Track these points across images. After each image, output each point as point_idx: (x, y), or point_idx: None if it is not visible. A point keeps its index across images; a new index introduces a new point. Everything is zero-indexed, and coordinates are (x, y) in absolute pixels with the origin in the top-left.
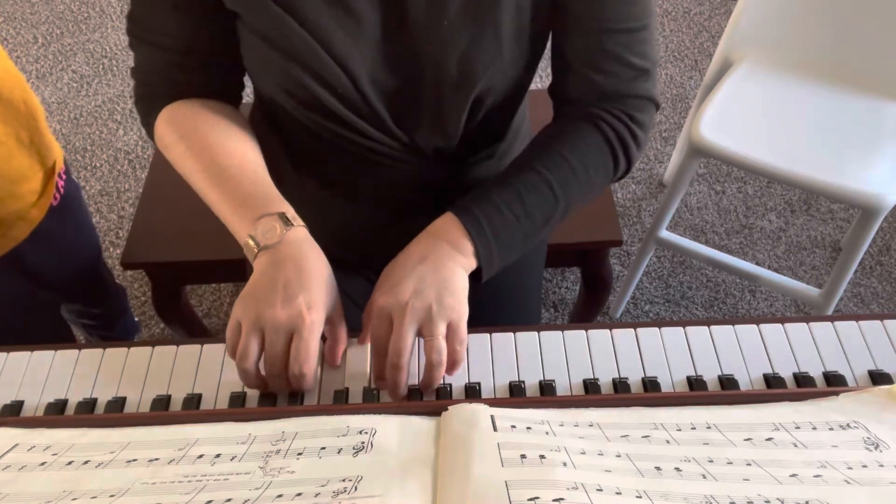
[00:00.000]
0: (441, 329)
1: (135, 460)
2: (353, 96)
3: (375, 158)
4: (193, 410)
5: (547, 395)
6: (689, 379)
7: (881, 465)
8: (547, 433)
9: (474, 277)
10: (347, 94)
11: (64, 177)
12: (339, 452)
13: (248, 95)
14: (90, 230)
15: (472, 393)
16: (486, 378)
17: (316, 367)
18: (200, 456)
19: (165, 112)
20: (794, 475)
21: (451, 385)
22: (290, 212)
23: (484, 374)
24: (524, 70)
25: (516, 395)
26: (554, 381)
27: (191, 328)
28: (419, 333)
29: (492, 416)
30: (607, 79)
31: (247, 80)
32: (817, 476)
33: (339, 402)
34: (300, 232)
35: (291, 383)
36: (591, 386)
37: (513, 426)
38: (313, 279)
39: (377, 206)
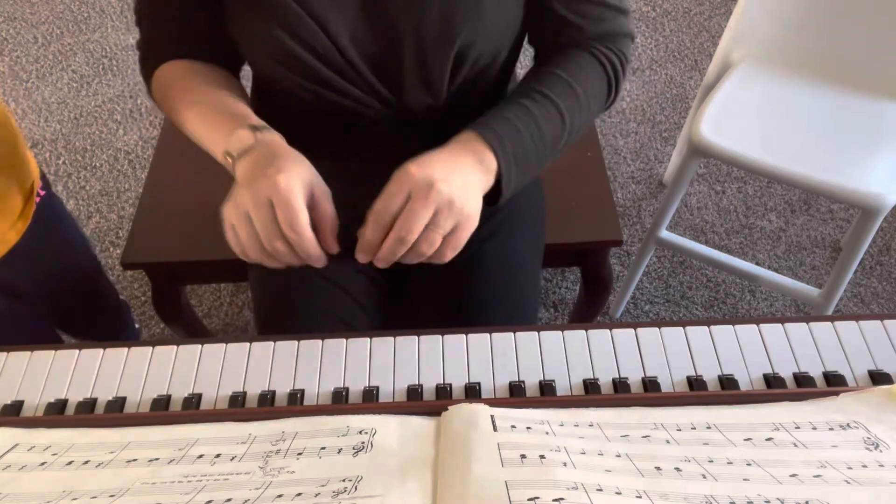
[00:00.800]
0: (448, 226)
1: (135, 460)
2: (335, 57)
3: (369, 126)
4: (193, 410)
5: (547, 395)
6: (689, 379)
7: (881, 465)
8: (547, 433)
9: (487, 201)
10: (329, 56)
11: (42, 193)
12: (339, 452)
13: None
14: (80, 247)
15: (472, 393)
16: (486, 378)
17: (311, 234)
18: (200, 456)
19: (162, 69)
20: (794, 475)
21: (451, 385)
22: (261, 123)
23: (484, 374)
24: (507, 26)
25: (516, 395)
26: (554, 381)
27: (191, 328)
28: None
29: (492, 416)
30: (587, 21)
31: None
32: (817, 476)
33: (339, 402)
34: (271, 134)
35: (301, 256)
36: (591, 386)
37: (513, 426)
38: (283, 155)
39: (375, 182)
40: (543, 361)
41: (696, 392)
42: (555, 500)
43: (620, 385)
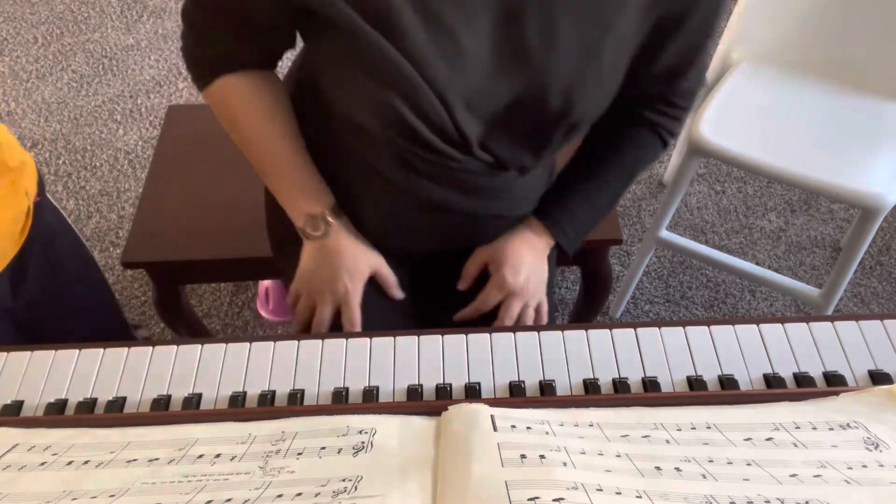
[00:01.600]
0: (535, 304)
1: (135, 460)
2: (446, 124)
3: (443, 169)
4: (193, 410)
5: (547, 395)
6: (689, 379)
7: (881, 465)
8: (547, 433)
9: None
10: (440, 122)
11: (37, 199)
12: (339, 452)
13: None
14: (77, 252)
15: (472, 393)
16: (486, 378)
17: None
18: (200, 456)
19: (223, 86)
20: (794, 475)
21: (451, 385)
22: (330, 204)
23: (484, 374)
24: (613, 94)
25: (516, 395)
26: (554, 381)
27: (191, 328)
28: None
29: (492, 416)
30: (684, 82)
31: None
32: (817, 476)
33: (339, 402)
34: (338, 229)
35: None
36: (591, 386)
37: (513, 426)
38: (351, 256)
39: (423, 205)
40: (543, 361)
41: (696, 392)
42: (555, 500)
43: (620, 385)
